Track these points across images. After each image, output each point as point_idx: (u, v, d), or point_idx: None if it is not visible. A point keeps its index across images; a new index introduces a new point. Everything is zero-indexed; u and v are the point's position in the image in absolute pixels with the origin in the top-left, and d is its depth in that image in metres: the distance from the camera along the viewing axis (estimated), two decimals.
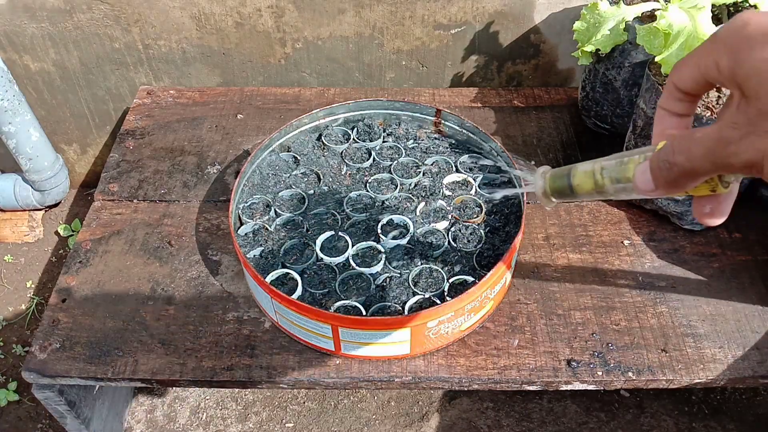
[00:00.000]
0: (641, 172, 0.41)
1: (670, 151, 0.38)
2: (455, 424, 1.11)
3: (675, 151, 0.38)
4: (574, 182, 0.50)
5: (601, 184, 0.47)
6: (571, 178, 0.50)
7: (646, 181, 0.41)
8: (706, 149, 0.36)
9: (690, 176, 0.38)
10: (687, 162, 0.37)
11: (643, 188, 0.41)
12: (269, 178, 0.97)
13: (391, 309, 0.82)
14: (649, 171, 0.40)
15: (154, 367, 0.83)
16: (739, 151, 0.34)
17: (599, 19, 0.94)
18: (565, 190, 0.51)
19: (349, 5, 1.15)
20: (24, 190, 1.31)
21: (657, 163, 0.39)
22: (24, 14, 1.15)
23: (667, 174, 0.39)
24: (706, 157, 0.36)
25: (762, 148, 0.33)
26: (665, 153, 0.39)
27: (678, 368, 0.82)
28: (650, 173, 0.40)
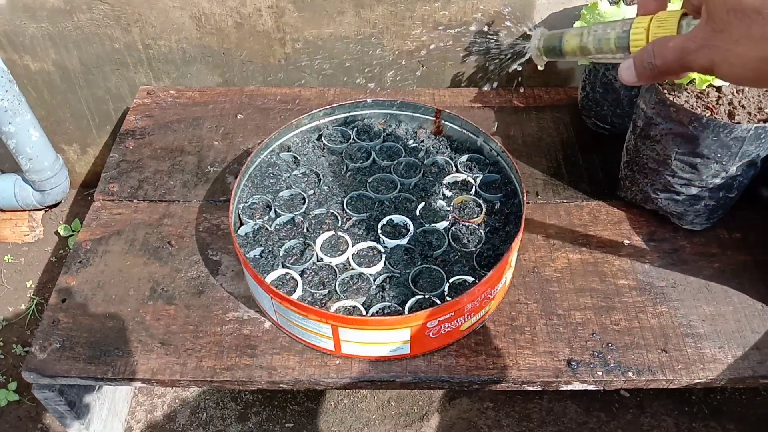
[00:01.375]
0: (626, 68, 0.50)
1: (651, 54, 0.48)
2: (455, 424, 1.11)
3: (655, 54, 0.48)
4: (564, 45, 0.56)
5: (586, 47, 0.55)
6: (562, 42, 0.57)
7: (631, 75, 0.50)
8: (675, 55, 0.46)
9: (664, 74, 0.48)
10: (663, 64, 0.47)
11: (628, 80, 0.50)
12: (269, 178, 0.97)
13: (391, 309, 0.82)
14: (633, 67, 0.50)
15: (154, 367, 0.83)
16: (696, 58, 0.44)
17: (599, 19, 0.94)
18: (555, 49, 0.57)
19: (349, 5, 1.15)
20: (24, 190, 1.31)
21: (640, 63, 0.49)
22: (24, 14, 1.15)
23: (649, 72, 0.48)
24: (676, 61, 0.46)
25: (711, 58, 0.43)
26: (647, 55, 0.48)
27: (678, 368, 0.82)
28: (634, 69, 0.50)
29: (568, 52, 0.56)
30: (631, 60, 0.50)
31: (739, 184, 0.89)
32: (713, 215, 0.94)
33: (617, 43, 0.52)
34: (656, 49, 0.47)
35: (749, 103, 0.83)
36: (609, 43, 0.52)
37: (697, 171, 0.87)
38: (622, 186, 1.00)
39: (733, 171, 0.86)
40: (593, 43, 0.54)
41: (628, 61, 0.50)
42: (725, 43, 0.42)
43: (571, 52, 0.56)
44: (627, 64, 0.50)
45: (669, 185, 0.91)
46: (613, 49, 0.52)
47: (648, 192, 0.95)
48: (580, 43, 0.55)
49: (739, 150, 0.82)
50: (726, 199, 0.91)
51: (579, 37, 0.55)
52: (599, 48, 0.53)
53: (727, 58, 0.42)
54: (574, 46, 0.55)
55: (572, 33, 0.56)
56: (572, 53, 0.56)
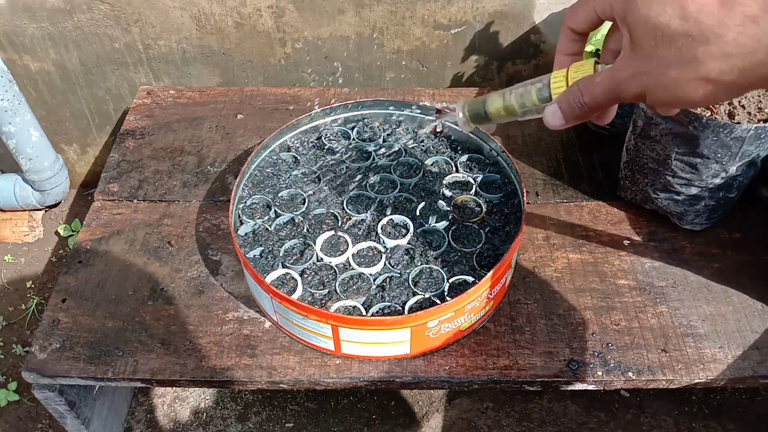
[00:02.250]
0: (551, 113, 0.51)
1: (578, 93, 0.48)
2: (455, 424, 1.11)
3: (582, 92, 0.48)
4: (488, 108, 0.58)
5: (510, 106, 0.56)
6: (485, 105, 0.58)
7: (558, 118, 0.50)
8: (605, 89, 0.46)
9: (594, 110, 0.48)
10: (591, 100, 0.47)
11: (555, 124, 0.51)
12: (269, 178, 0.97)
13: (391, 309, 0.82)
14: (559, 110, 0.50)
15: (154, 367, 0.83)
16: (628, 88, 0.44)
17: None
18: (480, 113, 0.59)
19: (349, 5, 1.15)
20: (24, 190, 1.31)
21: (567, 104, 0.49)
22: (24, 14, 1.15)
23: (578, 111, 0.49)
24: (605, 95, 0.46)
25: (643, 84, 0.43)
26: (574, 95, 0.48)
27: (678, 368, 0.82)
28: (560, 112, 0.50)
29: (493, 114, 0.58)
30: (555, 105, 0.50)
31: (739, 184, 0.89)
32: (713, 215, 0.94)
33: (539, 95, 0.53)
34: (582, 86, 0.48)
35: (749, 103, 0.83)
36: (531, 96, 0.54)
37: (697, 171, 0.87)
38: (622, 186, 1.00)
39: (733, 171, 0.86)
40: (516, 100, 0.55)
41: (553, 106, 0.50)
42: (656, 68, 0.42)
43: (496, 113, 0.57)
44: (552, 109, 0.50)
45: (669, 185, 0.91)
46: (535, 102, 0.54)
47: (648, 192, 0.95)
48: (504, 104, 0.56)
49: (739, 150, 0.82)
50: (726, 199, 0.91)
51: (501, 98, 0.56)
52: (522, 104, 0.55)
53: (661, 83, 0.42)
54: (498, 107, 0.57)
55: (494, 95, 0.57)
56: (497, 114, 0.57)
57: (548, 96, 0.52)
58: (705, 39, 0.39)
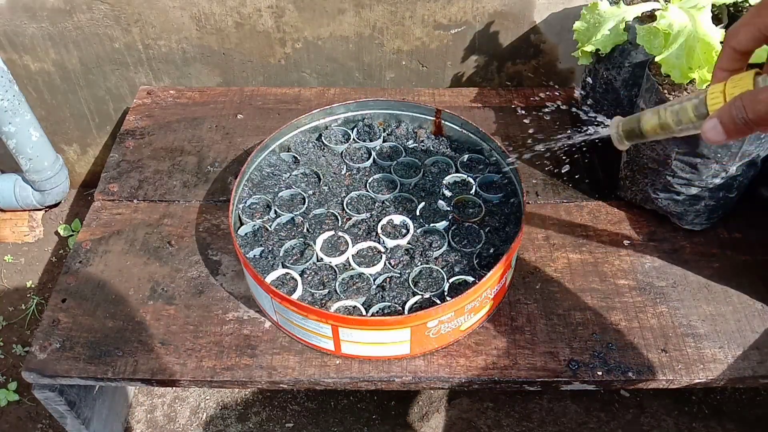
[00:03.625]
0: (711, 128, 0.49)
1: (741, 109, 0.47)
2: (455, 424, 1.11)
3: (746, 108, 0.47)
4: (643, 126, 0.58)
5: (665, 123, 0.56)
6: (641, 123, 0.58)
7: (718, 133, 0.49)
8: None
9: (757, 126, 0.47)
10: (756, 116, 0.46)
11: (716, 139, 0.50)
12: (269, 178, 0.97)
13: (391, 309, 0.82)
14: (720, 125, 0.49)
15: (154, 367, 0.83)
16: None
17: (599, 19, 0.94)
18: (635, 131, 0.59)
19: (349, 5, 1.15)
20: (24, 190, 1.31)
21: (729, 120, 0.48)
22: (24, 14, 1.15)
23: (741, 126, 0.47)
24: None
25: None
26: (737, 110, 0.47)
27: (678, 368, 0.82)
28: (721, 127, 0.49)
29: (649, 131, 0.58)
30: (715, 119, 0.49)
31: (739, 184, 0.89)
32: (713, 215, 0.94)
33: (696, 112, 0.52)
34: (746, 101, 0.47)
35: None
36: (687, 113, 0.53)
37: (697, 171, 0.87)
38: (622, 186, 1.00)
39: (733, 171, 0.86)
40: (671, 117, 0.55)
41: (712, 121, 0.49)
42: None
43: (652, 131, 0.57)
44: (711, 124, 0.49)
45: (669, 185, 0.91)
46: (692, 119, 0.53)
47: (648, 192, 0.95)
48: (660, 121, 0.56)
49: (739, 150, 0.82)
50: (726, 199, 0.91)
51: (656, 116, 0.56)
52: (678, 120, 0.54)
53: None
54: (653, 125, 0.57)
55: (649, 113, 0.57)
56: (653, 132, 0.57)
57: (705, 112, 0.51)
58: None
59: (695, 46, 0.79)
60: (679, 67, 0.80)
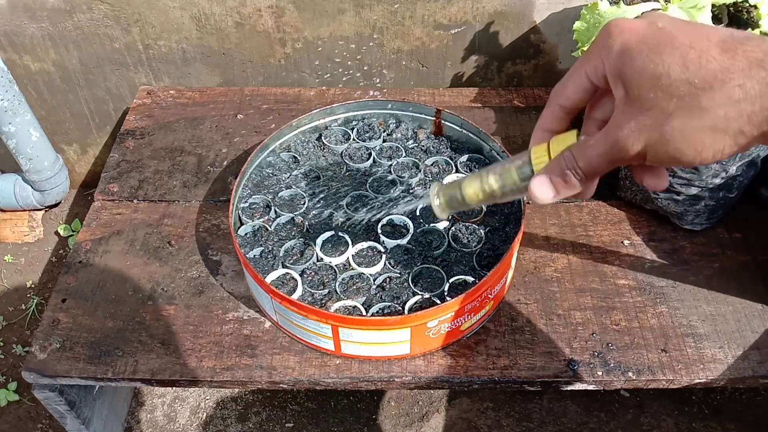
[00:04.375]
0: (539, 185, 0.47)
1: (571, 160, 0.45)
2: (455, 424, 1.11)
3: (576, 158, 0.44)
4: (464, 192, 0.55)
5: (488, 187, 0.53)
6: (461, 189, 0.55)
7: (547, 190, 0.47)
8: (601, 151, 0.42)
9: (591, 177, 0.45)
10: (587, 165, 0.44)
11: (545, 198, 0.47)
12: (269, 178, 0.97)
13: (391, 309, 0.82)
14: (548, 181, 0.46)
15: (154, 367, 0.83)
16: (627, 145, 0.41)
17: (599, 19, 0.94)
18: (457, 198, 0.56)
19: (349, 5, 1.15)
20: (24, 190, 1.31)
21: (559, 173, 0.46)
22: (24, 14, 1.15)
23: (573, 179, 0.45)
24: (603, 157, 0.43)
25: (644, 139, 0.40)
26: (567, 161, 0.45)
27: (678, 368, 0.82)
28: (549, 182, 0.46)
29: (471, 197, 0.54)
30: (542, 176, 0.47)
31: (739, 184, 0.89)
32: (713, 215, 0.94)
33: (519, 174, 0.50)
34: (576, 152, 0.44)
35: None
36: (511, 175, 0.51)
37: (697, 171, 0.87)
38: (622, 186, 1.00)
39: (733, 171, 0.86)
40: (495, 182, 0.52)
41: (540, 178, 0.47)
42: (658, 120, 0.39)
43: (474, 196, 0.54)
44: (539, 180, 0.47)
45: (669, 185, 0.91)
46: (516, 182, 0.51)
47: (648, 192, 0.95)
48: (481, 186, 0.53)
49: None
50: (726, 199, 0.91)
51: (478, 181, 0.53)
52: (502, 185, 0.52)
53: (664, 136, 0.39)
54: (475, 190, 0.54)
55: (470, 178, 0.54)
56: (475, 197, 0.54)
57: (530, 173, 0.49)
58: (709, 85, 0.37)
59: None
60: None
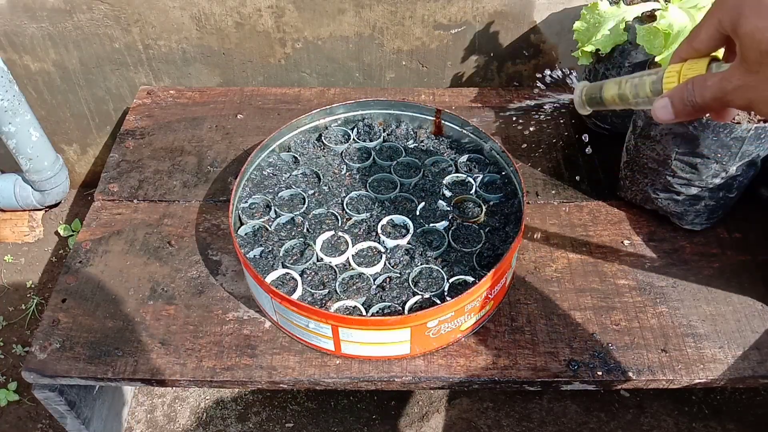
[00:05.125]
0: (662, 107, 0.51)
1: (691, 92, 0.49)
2: (455, 424, 1.11)
3: (694, 92, 0.48)
4: (603, 95, 0.60)
5: (623, 94, 0.58)
6: (602, 91, 0.60)
7: (667, 112, 0.51)
8: (713, 94, 0.47)
9: (702, 110, 0.49)
10: (702, 101, 0.48)
11: (664, 118, 0.51)
12: (269, 178, 0.97)
13: (391, 309, 0.82)
14: (670, 105, 0.50)
15: (154, 367, 0.83)
16: (734, 98, 0.46)
17: (599, 19, 0.94)
18: (596, 98, 0.61)
19: (349, 5, 1.15)
20: (24, 190, 1.31)
21: (679, 101, 0.50)
22: (24, 14, 1.15)
23: (689, 109, 0.49)
24: (715, 100, 0.47)
25: (749, 97, 0.45)
26: (687, 93, 0.49)
27: (678, 368, 0.82)
28: (671, 107, 0.50)
29: (608, 99, 0.60)
30: (666, 99, 0.51)
31: (739, 184, 0.89)
32: (713, 215, 0.94)
33: (652, 88, 0.54)
34: (696, 87, 0.48)
35: None
36: (644, 87, 0.55)
37: (697, 171, 0.87)
38: (622, 186, 1.00)
39: (733, 171, 0.86)
40: (630, 89, 0.57)
41: (664, 100, 0.51)
42: (762, 84, 0.43)
43: (611, 99, 0.59)
44: (663, 103, 0.51)
45: (669, 185, 0.91)
46: (648, 94, 0.55)
47: (648, 192, 0.95)
48: (619, 91, 0.58)
49: (739, 150, 0.82)
50: (726, 199, 0.91)
51: (617, 86, 0.58)
52: (635, 93, 0.56)
53: (765, 98, 0.43)
54: (613, 94, 0.59)
55: (611, 83, 0.59)
56: (612, 101, 0.60)
57: (660, 89, 0.53)
58: None
59: None
60: None
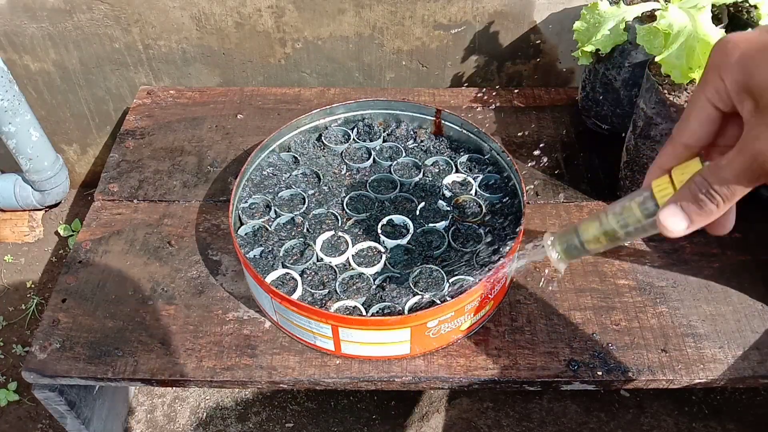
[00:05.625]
0: (670, 215, 0.43)
1: (704, 184, 0.41)
2: (455, 424, 1.11)
3: (712, 183, 0.40)
4: (583, 238, 0.52)
5: (609, 231, 0.50)
6: (579, 235, 0.52)
7: (679, 222, 0.42)
8: (739, 168, 0.39)
9: (729, 200, 0.41)
10: (726, 188, 0.40)
11: (677, 228, 0.43)
12: (269, 178, 0.97)
13: (391, 309, 0.82)
14: (680, 210, 0.42)
15: (154, 367, 0.83)
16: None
17: (599, 19, 0.94)
18: (575, 246, 0.53)
19: (349, 5, 1.15)
20: (24, 190, 1.31)
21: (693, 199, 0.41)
22: (24, 14, 1.15)
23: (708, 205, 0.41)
24: (742, 176, 0.39)
25: None
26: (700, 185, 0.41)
27: (678, 368, 0.82)
28: (682, 211, 0.42)
29: (591, 242, 0.52)
30: (673, 206, 0.43)
31: None
32: None
33: (642, 210, 0.47)
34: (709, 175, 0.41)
35: None
36: (633, 213, 0.48)
37: None
38: (622, 186, 1.00)
39: None
40: (615, 222, 0.49)
41: (670, 209, 0.43)
42: None
43: (594, 241, 0.52)
44: (670, 212, 0.43)
45: None
46: (640, 218, 0.47)
47: None
48: (602, 229, 0.51)
49: None
50: None
51: (597, 223, 0.51)
52: (624, 224, 0.49)
53: None
54: (595, 234, 0.51)
55: (586, 222, 0.52)
56: (595, 242, 0.52)
57: (654, 208, 0.46)
58: None
59: (695, 46, 0.79)
60: (679, 67, 0.80)
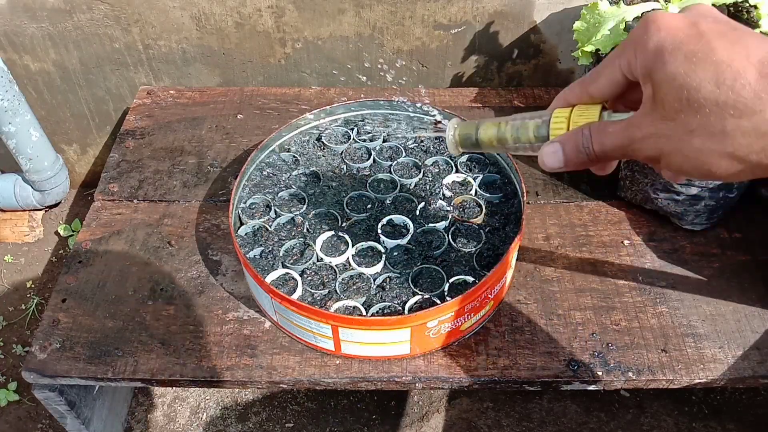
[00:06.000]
0: (551, 152, 0.46)
1: (588, 139, 0.44)
2: (455, 424, 1.11)
3: (593, 141, 0.44)
4: (479, 136, 0.55)
5: (503, 137, 0.52)
6: (477, 132, 0.55)
7: (556, 159, 0.46)
8: (616, 143, 0.42)
9: (598, 161, 0.45)
10: (600, 150, 0.44)
11: (552, 165, 0.47)
12: (269, 178, 0.97)
13: (391, 309, 0.82)
14: (561, 152, 0.46)
15: (154, 367, 0.83)
16: (642, 148, 0.41)
17: (599, 19, 0.94)
18: (471, 139, 0.56)
19: (349, 5, 1.15)
20: (24, 190, 1.31)
21: (573, 147, 0.45)
22: (24, 14, 1.15)
23: (583, 158, 0.45)
24: (616, 150, 0.43)
25: (660, 147, 0.40)
26: (584, 140, 0.44)
27: (678, 368, 0.82)
28: (561, 154, 0.46)
29: (485, 141, 0.54)
30: (556, 144, 0.46)
31: (739, 184, 0.89)
32: (713, 215, 0.94)
33: (536, 133, 0.50)
34: (594, 134, 0.44)
35: None
36: (527, 132, 0.50)
37: None
38: (622, 186, 1.00)
39: None
40: (510, 132, 0.52)
41: (553, 146, 0.46)
42: (678, 134, 0.38)
43: (488, 142, 0.54)
44: (552, 149, 0.46)
45: (669, 185, 0.91)
46: (531, 139, 0.50)
47: (648, 192, 0.95)
48: (497, 134, 0.53)
49: None
50: (726, 199, 0.91)
51: (496, 128, 0.53)
52: (516, 137, 0.51)
53: (681, 150, 0.39)
54: (490, 136, 0.53)
55: (488, 123, 0.54)
56: (489, 143, 0.54)
57: (546, 135, 0.49)
58: (738, 112, 0.35)
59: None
60: None
